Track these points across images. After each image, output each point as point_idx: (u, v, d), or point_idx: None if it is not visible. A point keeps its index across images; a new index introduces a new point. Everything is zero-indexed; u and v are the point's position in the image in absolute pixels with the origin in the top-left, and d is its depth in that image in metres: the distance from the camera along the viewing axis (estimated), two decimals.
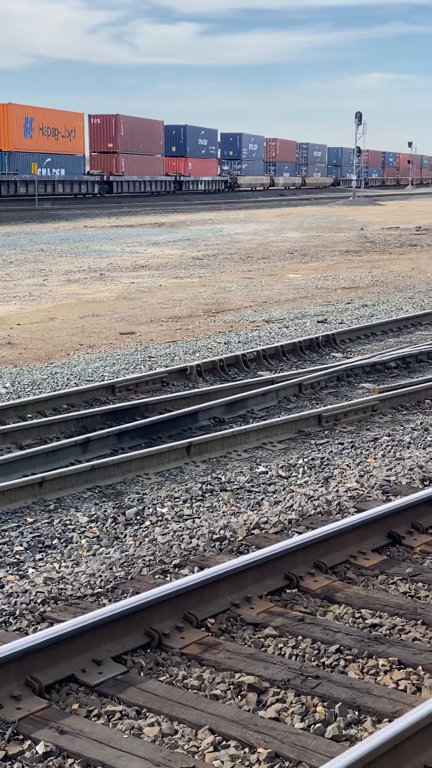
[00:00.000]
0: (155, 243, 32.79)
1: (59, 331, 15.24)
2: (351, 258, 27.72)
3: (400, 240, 33.71)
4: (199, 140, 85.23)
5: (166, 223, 44.06)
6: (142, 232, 38.52)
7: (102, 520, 6.93)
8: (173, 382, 11.24)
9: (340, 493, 7.18)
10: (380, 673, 4.58)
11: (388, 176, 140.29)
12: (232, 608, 5.17)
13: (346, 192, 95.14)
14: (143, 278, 22.67)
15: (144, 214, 51.36)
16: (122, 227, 41.42)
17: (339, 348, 13.57)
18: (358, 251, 29.75)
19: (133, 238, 34.80)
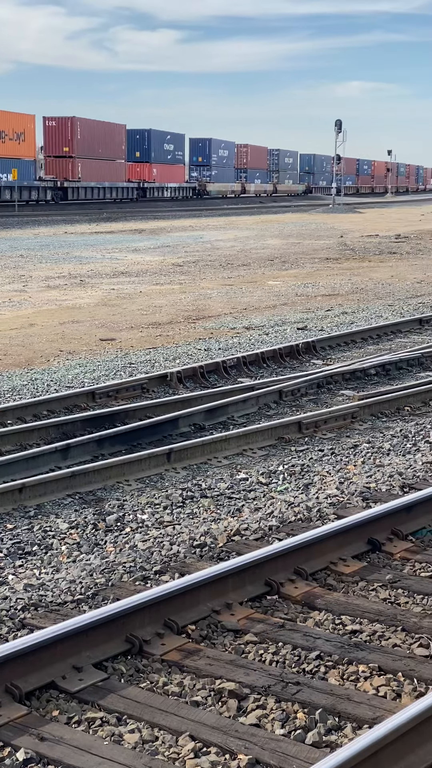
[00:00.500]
0: (135, 249, 32.79)
1: (39, 337, 15.21)
2: (331, 265, 27.81)
3: (379, 248, 33.84)
4: (165, 145, 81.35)
5: (147, 230, 44.07)
6: (123, 238, 38.51)
7: (82, 527, 6.92)
8: (153, 388, 11.24)
9: (320, 500, 7.20)
10: (360, 680, 4.59)
11: (363, 184, 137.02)
12: (212, 615, 5.17)
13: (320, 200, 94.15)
14: (123, 285, 22.66)
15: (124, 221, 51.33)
16: (102, 233, 41.38)
17: (319, 355, 13.60)
18: (338, 258, 29.85)
19: (113, 245, 34.79)
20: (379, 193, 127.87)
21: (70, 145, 66.59)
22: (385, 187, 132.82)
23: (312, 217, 58.77)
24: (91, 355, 13.63)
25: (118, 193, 73.57)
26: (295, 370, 12.54)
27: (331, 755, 3.65)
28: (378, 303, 19.52)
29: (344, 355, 13.81)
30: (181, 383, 11.44)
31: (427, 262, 28.64)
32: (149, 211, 61.44)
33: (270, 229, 45.53)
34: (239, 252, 31.81)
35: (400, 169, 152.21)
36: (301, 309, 18.59)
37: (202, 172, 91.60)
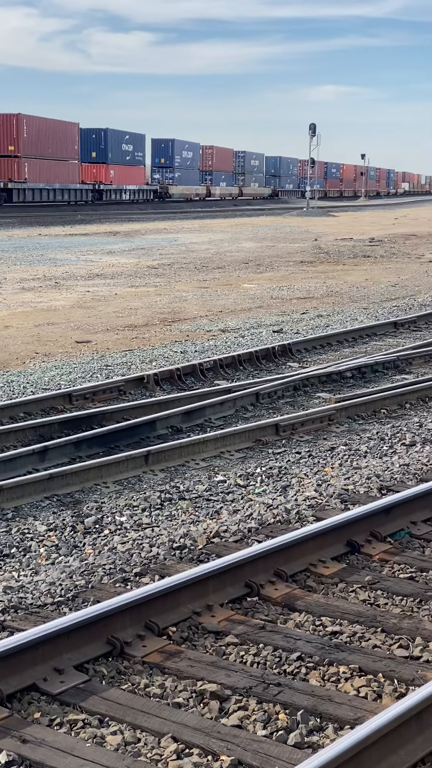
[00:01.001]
0: (110, 252, 32.73)
1: (14, 339, 15.15)
2: (306, 268, 27.88)
3: (354, 251, 33.96)
4: (123, 145, 76.02)
5: (121, 232, 44.01)
6: (97, 240, 38.44)
7: (60, 529, 6.90)
8: (130, 390, 11.23)
9: (299, 502, 7.22)
10: (341, 681, 4.61)
11: (331, 188, 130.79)
12: (193, 616, 5.18)
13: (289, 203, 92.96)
14: (98, 287, 22.62)
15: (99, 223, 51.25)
16: (77, 236, 41.29)
17: (295, 358, 13.63)
18: (312, 262, 29.93)
19: (88, 247, 34.71)
20: (348, 197, 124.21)
21: (15, 143, 61.24)
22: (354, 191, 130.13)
23: (286, 221, 58.89)
24: (67, 357, 13.60)
25: (71, 196, 68.87)
26: (271, 373, 12.57)
27: (315, 756, 3.66)
28: (353, 306, 19.59)
29: (320, 357, 13.85)
30: (158, 385, 11.44)
31: (400, 266, 28.78)
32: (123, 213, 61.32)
33: (244, 232, 45.59)
34: (214, 255, 31.83)
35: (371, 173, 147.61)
36: (277, 312, 18.62)
37: (164, 174, 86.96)
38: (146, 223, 51.90)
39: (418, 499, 6.78)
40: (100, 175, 72.06)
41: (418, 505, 6.78)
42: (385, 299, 20.71)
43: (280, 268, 27.66)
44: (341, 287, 22.95)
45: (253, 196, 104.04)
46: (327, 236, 42.39)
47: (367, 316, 18.02)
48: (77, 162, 69.22)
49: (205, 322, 17.27)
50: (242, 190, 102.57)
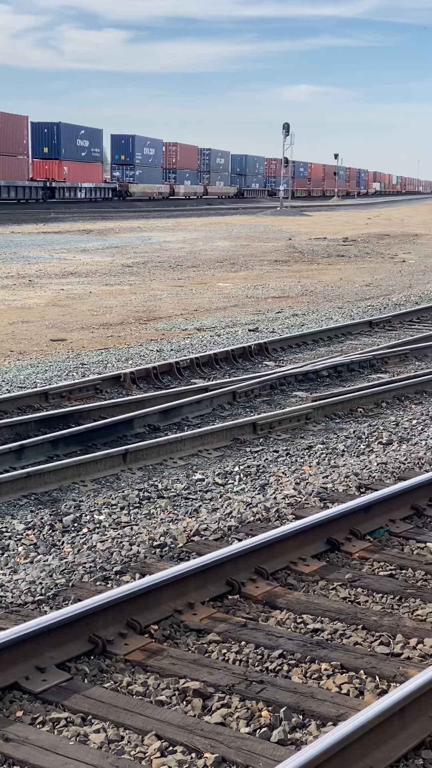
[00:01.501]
0: (84, 250, 32.65)
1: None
2: (280, 267, 27.92)
3: (327, 250, 34.05)
4: (78, 141, 72.18)
5: (95, 230, 43.90)
6: (71, 238, 38.32)
7: (39, 528, 6.88)
8: (107, 389, 11.20)
9: (278, 500, 7.22)
10: (323, 678, 4.62)
11: (298, 187, 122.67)
12: (175, 614, 5.18)
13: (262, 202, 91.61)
14: (73, 285, 22.56)
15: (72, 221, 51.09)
16: (50, 233, 41.16)
17: (271, 356, 13.65)
18: (287, 261, 29.98)
19: (62, 245, 34.61)
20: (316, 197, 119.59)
21: None
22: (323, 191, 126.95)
23: (260, 220, 58.95)
24: (42, 356, 13.55)
25: (18, 193, 64.11)
26: (248, 372, 12.58)
27: (300, 752, 3.67)
28: (327, 305, 19.64)
29: (296, 356, 13.88)
30: (134, 384, 11.42)
31: (374, 265, 28.88)
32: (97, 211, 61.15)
33: (218, 231, 45.59)
34: (188, 253, 31.82)
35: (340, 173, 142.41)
36: (252, 311, 18.64)
37: (125, 172, 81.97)
38: (120, 222, 51.81)
39: (396, 498, 6.81)
40: (53, 171, 68.16)
41: (397, 504, 6.81)
42: (360, 298, 20.77)
43: (254, 267, 27.68)
44: (316, 286, 23.00)
45: (218, 195, 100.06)
46: (301, 235, 42.48)
47: (342, 316, 18.07)
48: (26, 157, 65.07)
49: (181, 320, 17.26)
50: (207, 189, 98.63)
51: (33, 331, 15.75)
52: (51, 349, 14.12)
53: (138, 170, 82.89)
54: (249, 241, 38.34)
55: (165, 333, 15.77)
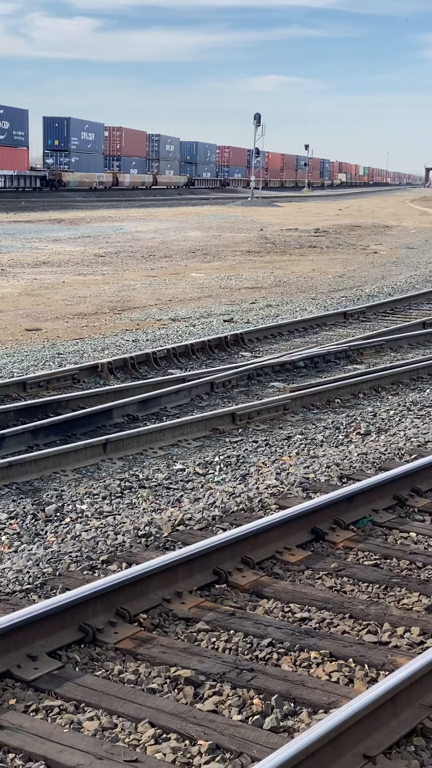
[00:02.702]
0: (56, 239, 32.52)
1: None
2: (253, 258, 27.94)
3: (299, 241, 34.11)
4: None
5: (66, 219, 43.73)
6: (42, 228, 38.15)
7: (22, 517, 6.87)
8: (84, 379, 11.19)
9: (260, 490, 7.25)
10: (313, 666, 4.66)
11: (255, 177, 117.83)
12: (163, 603, 5.20)
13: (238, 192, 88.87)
14: (46, 275, 22.48)
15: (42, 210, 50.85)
16: (21, 222, 40.96)
17: (247, 347, 13.68)
18: (259, 251, 30.00)
19: (33, 234, 34.46)
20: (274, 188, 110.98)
21: None
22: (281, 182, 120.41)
23: (231, 210, 58.95)
24: (17, 345, 13.50)
25: None
26: (224, 362, 12.60)
27: (295, 739, 3.70)
28: (301, 296, 19.69)
29: (271, 347, 13.91)
30: (112, 374, 11.41)
31: (346, 257, 28.96)
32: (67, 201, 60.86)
33: (189, 221, 45.54)
34: (161, 243, 31.77)
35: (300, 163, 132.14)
36: (226, 301, 18.65)
37: (59, 158, 73.51)
38: (91, 211, 51.63)
39: (379, 488, 6.86)
40: None
41: (380, 494, 6.86)
42: (333, 290, 20.84)
43: (227, 258, 27.69)
44: (289, 277, 23.05)
45: (168, 185, 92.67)
46: (272, 226, 42.52)
47: (316, 307, 18.12)
48: None
49: (155, 311, 17.25)
50: (156, 179, 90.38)
51: (7, 321, 15.69)
52: (26, 339, 14.08)
53: (74, 157, 74.41)
54: (221, 232, 38.34)
55: (140, 323, 15.76)
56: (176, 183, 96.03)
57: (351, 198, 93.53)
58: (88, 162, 76.71)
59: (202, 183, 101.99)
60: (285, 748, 3.64)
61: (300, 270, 24.85)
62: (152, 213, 52.57)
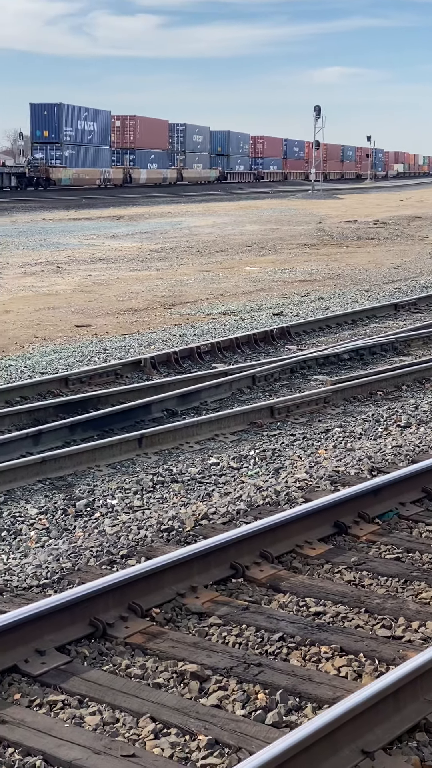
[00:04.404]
0: (113, 236, 32.70)
1: (14, 324, 15.17)
2: (308, 251, 27.81)
3: (357, 233, 33.88)
4: None
5: (125, 216, 43.96)
6: (101, 224, 38.40)
7: (52, 512, 6.92)
8: (127, 374, 11.24)
9: (289, 484, 7.22)
10: (322, 661, 4.62)
11: (292, 169, 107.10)
12: (177, 598, 5.19)
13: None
14: (100, 271, 22.61)
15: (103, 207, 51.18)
16: (81, 220, 41.26)
17: (294, 340, 13.62)
18: (315, 244, 29.86)
19: (92, 231, 34.69)
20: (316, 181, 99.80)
21: None
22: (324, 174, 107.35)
23: (291, 203, 58.75)
24: (66, 342, 13.61)
25: None
26: (269, 356, 12.56)
27: (288, 734, 3.68)
28: (354, 288, 19.55)
29: (319, 340, 13.84)
30: (155, 369, 11.44)
31: (404, 248, 28.69)
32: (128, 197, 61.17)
33: (249, 215, 45.48)
34: (217, 238, 31.78)
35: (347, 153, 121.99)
36: (278, 295, 18.60)
37: (50, 152, 64.59)
38: (151, 207, 51.85)
39: (406, 480, 6.78)
40: None
41: (407, 486, 6.78)
42: (387, 281, 20.66)
43: (282, 251, 27.60)
44: (343, 270, 22.90)
45: (197, 180, 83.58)
46: (331, 219, 42.28)
47: (368, 299, 17.98)
48: None
49: (206, 305, 17.26)
50: (182, 174, 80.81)
51: (58, 318, 15.81)
52: (75, 335, 14.18)
53: (68, 150, 65.34)
54: (279, 225, 38.23)
55: (189, 318, 15.78)
56: (205, 178, 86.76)
57: (413, 189, 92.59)
58: (88, 156, 67.39)
59: (235, 177, 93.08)
60: (278, 742, 3.62)
61: (355, 262, 24.67)
62: (212, 208, 52.60)
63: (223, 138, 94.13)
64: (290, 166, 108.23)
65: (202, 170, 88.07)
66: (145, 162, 76.23)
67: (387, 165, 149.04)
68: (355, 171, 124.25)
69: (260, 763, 3.45)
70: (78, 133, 66.58)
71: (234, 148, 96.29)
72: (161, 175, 76.60)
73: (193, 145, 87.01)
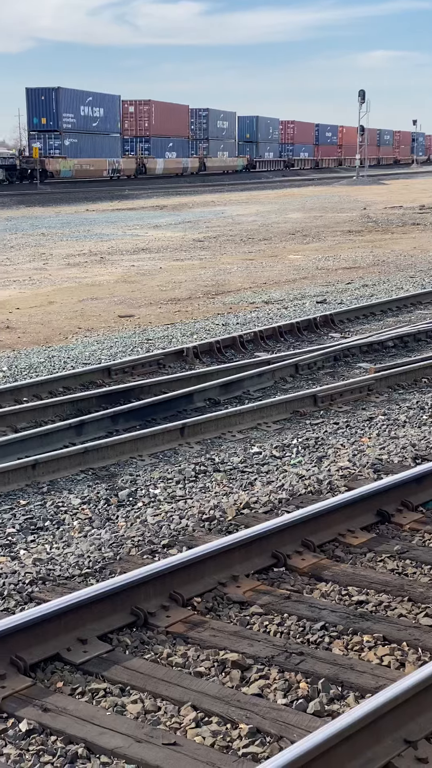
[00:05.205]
0: (156, 226, 32.74)
1: (58, 314, 15.25)
2: (353, 238, 27.65)
3: (402, 219, 33.61)
4: None
5: (168, 206, 43.98)
6: (144, 215, 38.45)
7: (94, 502, 6.95)
8: (170, 364, 11.24)
9: (331, 473, 7.19)
10: (365, 650, 4.60)
11: (324, 156, 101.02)
12: (218, 587, 5.19)
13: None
14: (143, 261, 22.65)
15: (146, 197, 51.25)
16: (124, 210, 41.35)
17: (337, 328, 13.55)
18: (360, 231, 29.67)
19: (135, 221, 34.76)
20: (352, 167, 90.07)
21: None
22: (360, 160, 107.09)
23: (335, 190, 58.44)
24: (109, 332, 13.65)
25: None
26: (312, 344, 12.50)
27: (330, 723, 3.66)
28: (399, 275, 19.41)
29: (363, 327, 13.75)
30: (197, 358, 11.44)
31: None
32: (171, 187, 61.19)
33: (292, 202, 45.32)
34: (260, 226, 31.70)
35: (384, 137, 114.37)
36: (322, 282, 18.51)
37: (48, 141, 58.81)
38: (193, 197, 51.82)
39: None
40: None
41: None
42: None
43: (326, 239, 27.46)
44: (388, 256, 22.74)
45: (222, 169, 78.04)
46: (376, 205, 41.99)
47: (413, 285, 17.84)
48: None
49: (249, 294, 17.22)
50: (204, 162, 75.32)
51: (102, 308, 15.87)
52: (118, 326, 14.21)
53: (68, 138, 59.53)
54: (322, 212, 38.04)
55: (232, 307, 15.76)
56: (231, 167, 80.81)
57: None
58: (94, 145, 61.65)
59: (264, 165, 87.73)
60: (320, 731, 3.60)
61: (400, 248, 24.49)
62: (255, 196, 52.47)
63: (251, 123, 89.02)
64: (322, 152, 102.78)
65: (228, 158, 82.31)
66: (161, 151, 70.43)
67: (429, 149, 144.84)
68: (393, 156, 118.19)
69: (302, 751, 3.43)
70: (81, 119, 60.78)
71: (263, 134, 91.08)
72: (180, 165, 71.72)
73: (217, 132, 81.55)
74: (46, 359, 11.65)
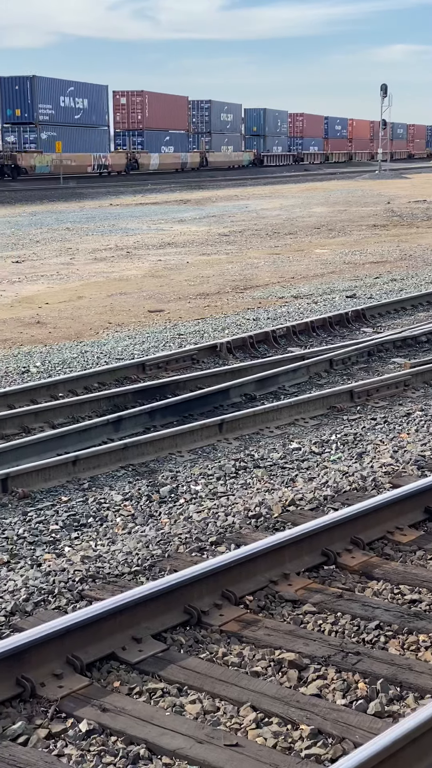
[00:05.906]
0: (181, 220, 32.69)
1: (87, 309, 15.24)
2: (378, 232, 27.53)
3: (427, 213, 33.46)
4: None
5: (192, 200, 43.92)
6: (168, 209, 38.41)
7: (136, 498, 6.92)
8: (203, 359, 11.21)
9: (374, 469, 7.14)
10: (421, 649, 4.55)
11: (334, 149, 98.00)
12: (270, 585, 5.16)
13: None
14: (170, 255, 22.62)
15: (169, 192, 51.21)
16: (147, 205, 41.31)
17: (369, 323, 13.48)
18: (385, 225, 29.55)
19: (159, 216, 34.72)
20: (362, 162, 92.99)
21: None
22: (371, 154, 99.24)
23: (358, 184, 58.25)
24: (139, 327, 13.62)
25: None
26: (345, 339, 12.45)
27: (395, 725, 3.62)
28: (427, 269, 19.31)
29: (394, 322, 13.68)
30: (230, 353, 11.40)
31: None
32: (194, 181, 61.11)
33: (316, 196, 45.18)
34: (285, 220, 31.61)
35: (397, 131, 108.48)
36: (350, 277, 18.44)
37: (22, 134, 53.94)
38: (216, 191, 51.74)
39: None
40: None
41: None
42: None
43: (352, 233, 27.36)
44: (415, 250, 22.63)
45: (228, 164, 74.88)
46: (400, 199, 41.81)
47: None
48: None
49: (278, 288, 17.17)
50: (206, 157, 72.14)
51: (131, 303, 15.84)
52: (148, 321, 14.19)
53: (45, 132, 54.42)
54: (346, 206, 37.91)
55: (262, 301, 15.71)
56: (236, 162, 77.25)
57: None
58: (77, 138, 56.99)
59: (272, 160, 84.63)
60: (386, 733, 3.57)
61: (427, 242, 24.36)
62: (278, 190, 52.35)
63: (258, 116, 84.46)
64: (332, 146, 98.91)
65: (233, 153, 78.53)
66: (157, 145, 66.28)
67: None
68: (407, 150, 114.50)
69: (370, 754, 3.40)
70: (61, 111, 55.85)
71: (271, 127, 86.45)
72: (178, 160, 67.80)
73: (221, 125, 76.88)
74: (78, 354, 11.64)
